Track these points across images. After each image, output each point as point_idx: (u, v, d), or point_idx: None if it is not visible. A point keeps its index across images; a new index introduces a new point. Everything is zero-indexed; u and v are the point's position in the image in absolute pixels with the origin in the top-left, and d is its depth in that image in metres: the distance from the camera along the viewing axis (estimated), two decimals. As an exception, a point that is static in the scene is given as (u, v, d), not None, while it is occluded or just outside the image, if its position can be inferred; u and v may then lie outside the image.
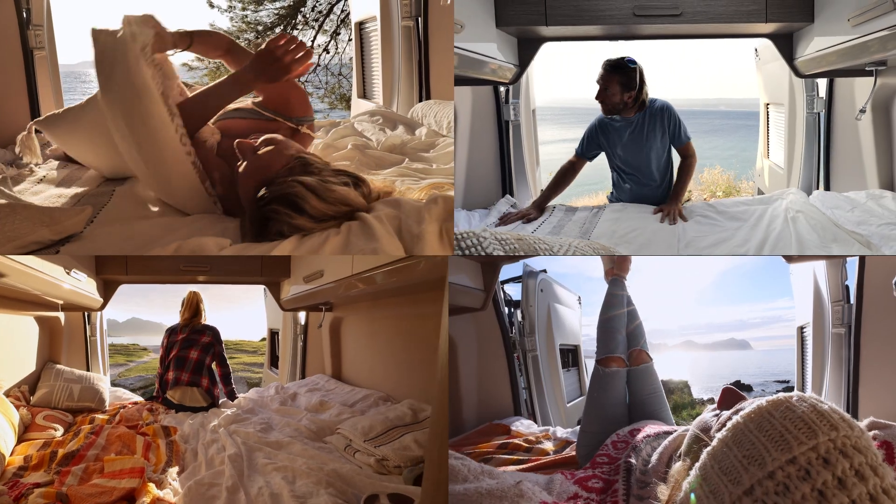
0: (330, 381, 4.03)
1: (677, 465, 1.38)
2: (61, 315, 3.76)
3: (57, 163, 2.67)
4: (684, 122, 2.85)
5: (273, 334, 5.85)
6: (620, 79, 2.71)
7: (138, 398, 4.02)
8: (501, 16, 2.42)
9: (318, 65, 8.91)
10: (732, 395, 1.44)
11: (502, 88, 3.34)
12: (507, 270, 3.66)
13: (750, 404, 1.26)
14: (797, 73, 2.73)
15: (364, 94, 4.49)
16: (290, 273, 4.03)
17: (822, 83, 3.16)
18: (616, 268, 2.50)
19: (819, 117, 3.19)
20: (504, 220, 2.90)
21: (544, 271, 3.89)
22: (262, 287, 5.32)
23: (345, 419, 2.81)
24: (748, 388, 8.92)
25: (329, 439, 2.63)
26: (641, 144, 2.86)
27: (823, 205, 2.71)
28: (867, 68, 2.33)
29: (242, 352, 11.44)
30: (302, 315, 4.81)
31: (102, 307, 3.87)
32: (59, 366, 3.55)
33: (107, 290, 3.84)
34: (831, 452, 1.09)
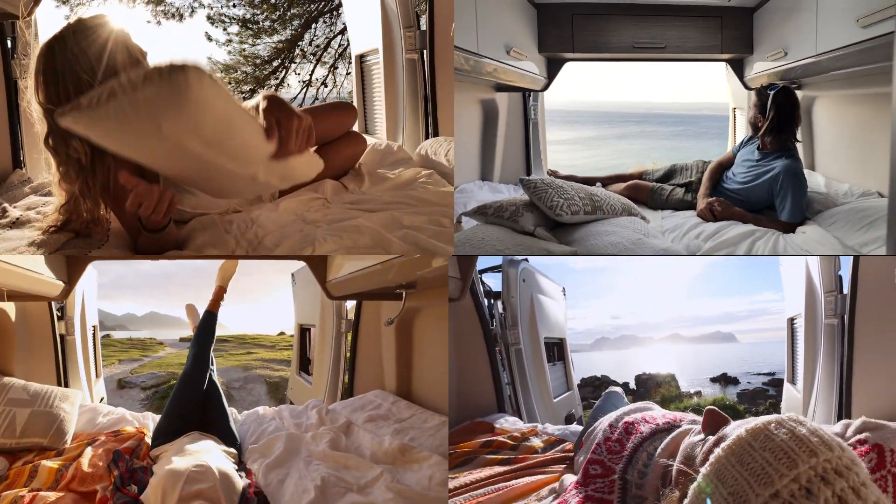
0: (397, 402, 2.93)
1: (667, 500, 1.36)
2: (11, 307, 2.86)
3: (40, 201, 2.29)
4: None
5: (304, 332, 4.67)
6: (756, 101, 2.68)
7: (125, 416, 2.86)
8: (542, 45, 3.53)
9: (317, 98, 8.82)
10: (715, 417, 1.41)
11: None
12: (485, 259, 3.45)
13: (733, 429, 1.23)
14: (746, 87, 3.83)
15: (366, 129, 4.22)
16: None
17: (771, 92, 4.24)
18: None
19: (768, 118, 4.25)
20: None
21: (526, 260, 3.75)
22: (290, 272, 4.60)
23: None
24: (734, 381, 9.25)
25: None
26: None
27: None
28: (786, 86, 3.44)
29: (260, 346, 11.00)
30: (349, 305, 3.78)
31: (66, 294, 2.65)
32: (6, 379, 2.65)
33: (71, 269, 2.60)
34: (812, 481, 1.08)
